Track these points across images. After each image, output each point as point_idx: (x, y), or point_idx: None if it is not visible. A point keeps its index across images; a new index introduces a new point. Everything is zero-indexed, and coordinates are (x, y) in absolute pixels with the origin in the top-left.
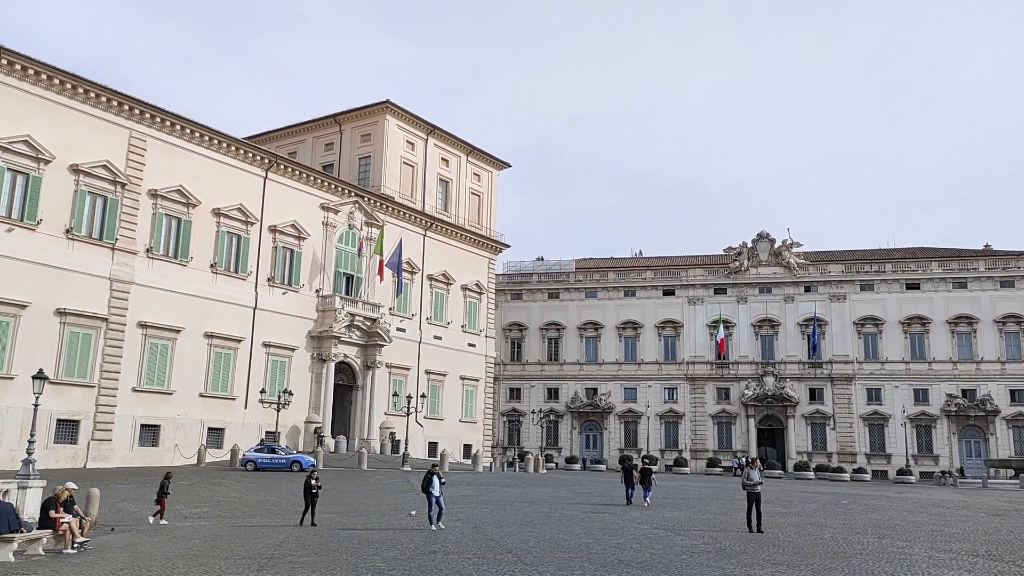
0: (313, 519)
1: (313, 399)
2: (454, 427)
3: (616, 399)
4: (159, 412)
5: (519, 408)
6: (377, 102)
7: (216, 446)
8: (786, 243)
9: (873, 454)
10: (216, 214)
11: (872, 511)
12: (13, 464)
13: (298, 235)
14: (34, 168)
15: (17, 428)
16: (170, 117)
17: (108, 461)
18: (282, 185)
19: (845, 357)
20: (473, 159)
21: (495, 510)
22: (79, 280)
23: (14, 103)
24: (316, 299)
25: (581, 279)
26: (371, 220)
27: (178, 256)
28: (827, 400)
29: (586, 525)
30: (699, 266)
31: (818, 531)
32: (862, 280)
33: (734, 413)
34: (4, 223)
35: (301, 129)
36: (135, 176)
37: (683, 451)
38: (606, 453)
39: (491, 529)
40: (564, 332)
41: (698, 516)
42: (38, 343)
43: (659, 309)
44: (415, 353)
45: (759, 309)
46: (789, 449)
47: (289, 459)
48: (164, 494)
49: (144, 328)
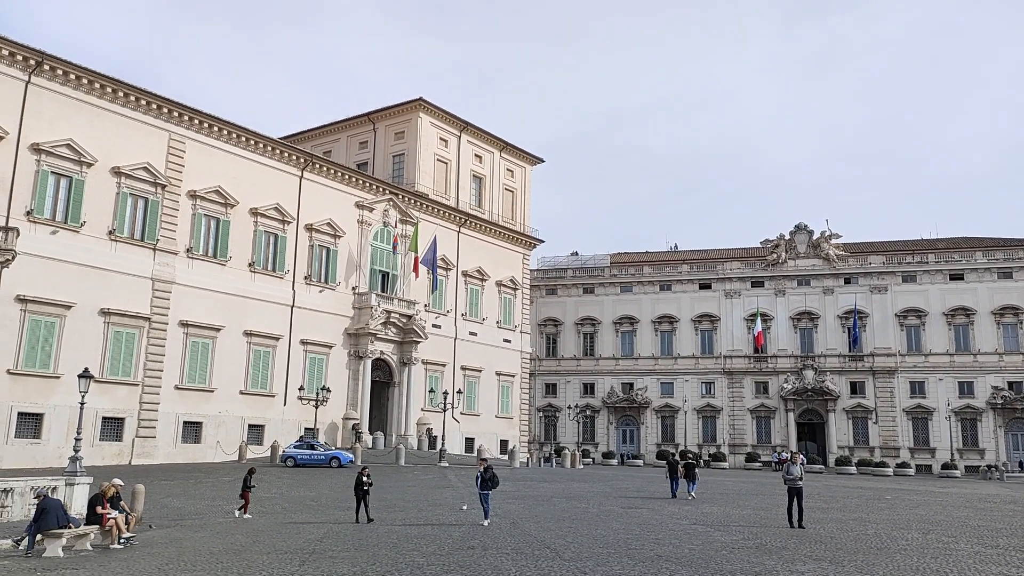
0: (368, 515)
1: (351, 396)
2: (490, 423)
3: (653, 394)
4: (201, 409)
5: (555, 403)
6: (410, 100)
7: (256, 442)
8: (825, 234)
9: (917, 448)
10: (253, 214)
11: (916, 506)
12: (60, 461)
13: (334, 233)
14: (77, 171)
15: (64, 426)
16: (208, 119)
17: (152, 458)
18: (318, 184)
19: (887, 350)
20: (506, 155)
21: (532, 506)
22: (122, 280)
23: (57, 108)
24: (352, 297)
25: (616, 273)
26: (405, 217)
27: (217, 256)
28: (869, 394)
29: (624, 520)
30: (736, 259)
31: (861, 526)
32: (904, 271)
33: (773, 407)
34: (49, 225)
35: (335, 128)
36: (175, 177)
37: (721, 446)
38: (643, 448)
39: (529, 525)
40: (599, 327)
41: (737, 511)
42: (83, 343)
43: (695, 303)
44: (451, 349)
45: (798, 302)
46: (830, 444)
47: (328, 455)
48: (248, 488)
49: (185, 327)
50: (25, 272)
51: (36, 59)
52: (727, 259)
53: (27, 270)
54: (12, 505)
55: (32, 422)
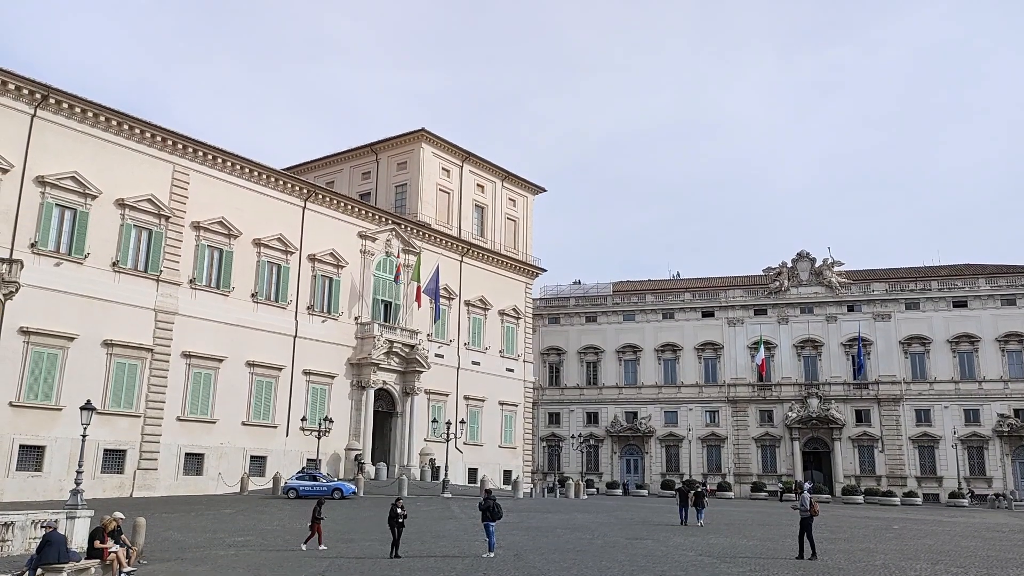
0: (398, 551)
1: (353, 426)
2: (494, 453)
3: (656, 422)
4: (203, 441)
5: (558, 433)
6: (412, 131)
7: (259, 474)
8: (827, 262)
9: (924, 477)
10: (256, 244)
11: (924, 536)
12: (62, 494)
13: (337, 263)
14: (81, 203)
15: (66, 458)
16: (211, 150)
17: (154, 490)
18: (320, 214)
19: (892, 377)
20: (508, 184)
21: (536, 537)
22: (125, 312)
23: (62, 140)
24: (355, 326)
25: (619, 302)
26: (408, 247)
27: (220, 286)
28: (874, 422)
29: (629, 552)
30: (738, 287)
31: (869, 557)
32: (907, 298)
33: (778, 436)
34: (53, 257)
35: (338, 159)
36: (178, 209)
37: (726, 475)
38: (647, 478)
39: (533, 557)
40: (602, 355)
41: (744, 542)
42: (85, 374)
43: (698, 331)
44: (454, 379)
45: (801, 329)
46: (836, 472)
47: (330, 486)
48: (318, 520)
49: (188, 358)
50: (29, 304)
51: (42, 92)
52: (729, 287)
53: (31, 302)
54: (13, 539)
55: (34, 455)
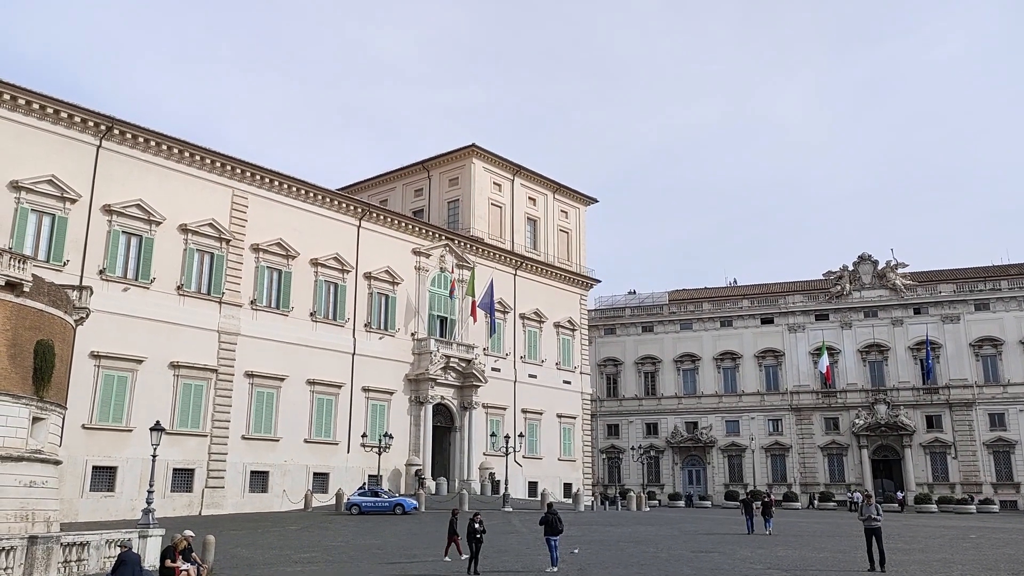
0: (477, 567)
1: (412, 441)
2: (553, 465)
3: (718, 432)
4: (267, 459)
5: (618, 444)
6: (463, 146)
7: (321, 490)
8: (890, 264)
9: (1000, 483)
10: (314, 264)
11: (1003, 545)
12: (134, 513)
13: (392, 280)
14: (146, 230)
15: (136, 478)
16: (268, 174)
17: (221, 508)
18: (375, 232)
19: (963, 381)
20: (560, 196)
21: (599, 550)
22: (190, 334)
23: (126, 170)
24: (412, 342)
25: (675, 311)
26: (462, 262)
27: (280, 307)
28: (946, 427)
29: (695, 565)
30: (798, 292)
31: (946, 568)
32: (976, 299)
33: (845, 444)
34: (121, 283)
35: (391, 177)
36: (238, 232)
37: (792, 485)
38: (710, 489)
39: (597, 571)
40: (660, 365)
41: (814, 555)
42: (154, 396)
43: (758, 338)
44: (511, 392)
45: (865, 334)
46: (908, 481)
47: (392, 502)
48: (454, 533)
49: (251, 377)
50: (98, 329)
51: (106, 124)
52: (789, 292)
53: (100, 327)
54: (88, 559)
55: (106, 475)
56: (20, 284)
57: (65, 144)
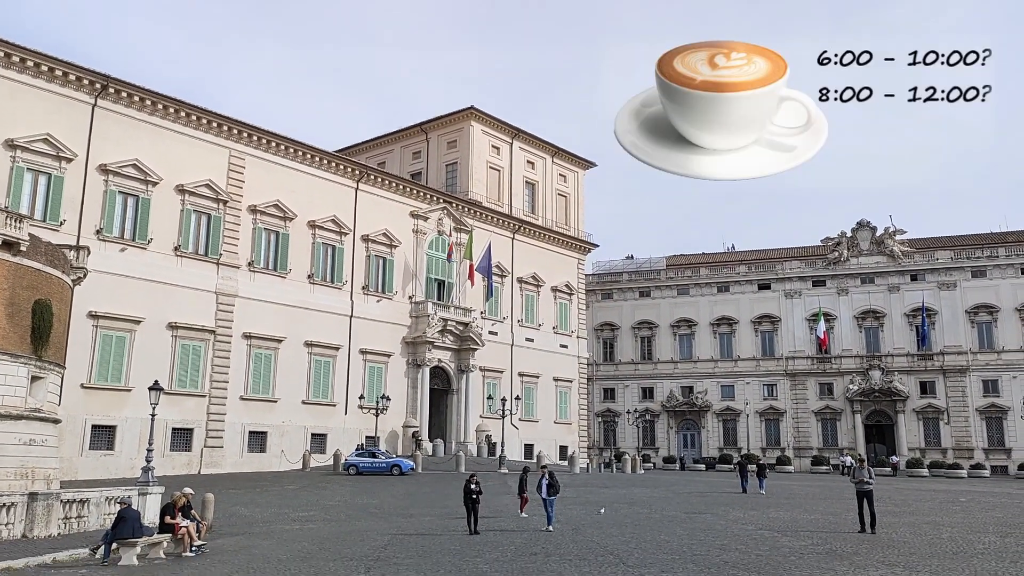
0: (476, 526)
1: (410, 404)
2: (549, 428)
3: (713, 397)
4: (265, 419)
5: (614, 408)
6: (461, 109)
7: (319, 451)
8: (888, 230)
9: (991, 449)
10: (311, 226)
11: (992, 508)
12: (133, 472)
13: (390, 243)
14: (143, 190)
15: (136, 437)
16: (266, 135)
17: (220, 467)
18: (373, 195)
19: (958, 348)
20: (558, 160)
21: (594, 511)
22: (188, 295)
23: (122, 129)
24: (409, 305)
25: (672, 276)
26: (460, 225)
27: (277, 268)
28: (940, 393)
29: (688, 526)
30: (795, 258)
31: (935, 530)
32: (973, 266)
33: (839, 409)
34: (118, 243)
35: (389, 139)
36: (235, 193)
37: (785, 449)
38: (705, 452)
39: (591, 531)
40: (657, 330)
41: (805, 516)
42: (152, 356)
43: (755, 304)
44: (508, 356)
45: (861, 300)
46: (900, 446)
47: (389, 463)
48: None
49: (249, 339)
50: (96, 289)
51: (101, 83)
52: (786, 259)
53: (98, 287)
54: (88, 515)
55: (105, 434)
56: (17, 243)
57: (60, 102)
